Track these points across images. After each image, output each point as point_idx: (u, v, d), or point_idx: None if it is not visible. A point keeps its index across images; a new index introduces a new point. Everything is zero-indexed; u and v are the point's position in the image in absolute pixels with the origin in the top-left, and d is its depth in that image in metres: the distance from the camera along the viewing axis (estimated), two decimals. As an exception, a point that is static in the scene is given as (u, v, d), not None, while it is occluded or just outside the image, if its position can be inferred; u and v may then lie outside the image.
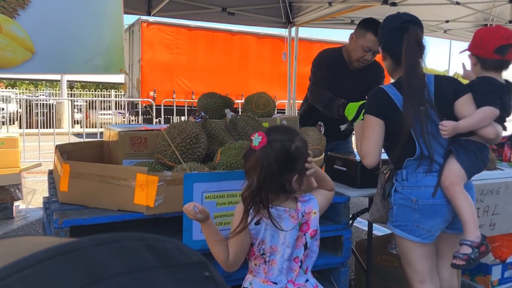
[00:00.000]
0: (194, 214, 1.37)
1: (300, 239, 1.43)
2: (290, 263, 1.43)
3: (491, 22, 5.88)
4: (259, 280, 1.45)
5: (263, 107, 2.43)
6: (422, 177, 1.74)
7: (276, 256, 1.42)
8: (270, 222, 1.39)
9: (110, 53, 1.86)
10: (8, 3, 1.65)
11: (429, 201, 1.72)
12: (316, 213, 1.47)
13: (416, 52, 1.75)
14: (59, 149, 2.16)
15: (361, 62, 2.66)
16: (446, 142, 1.77)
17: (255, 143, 1.37)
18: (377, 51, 2.61)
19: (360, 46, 2.60)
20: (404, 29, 1.77)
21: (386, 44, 1.86)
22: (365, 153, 1.77)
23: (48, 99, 16.17)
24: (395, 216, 1.80)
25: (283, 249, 1.41)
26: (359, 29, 2.65)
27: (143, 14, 4.91)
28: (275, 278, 1.43)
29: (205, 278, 0.33)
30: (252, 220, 1.39)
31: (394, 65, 1.84)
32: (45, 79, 22.72)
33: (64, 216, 1.60)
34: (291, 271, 1.43)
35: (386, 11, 5.33)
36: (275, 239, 1.42)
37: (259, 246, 1.43)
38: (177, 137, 1.83)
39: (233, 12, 5.16)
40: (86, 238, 0.29)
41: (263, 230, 1.41)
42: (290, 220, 1.42)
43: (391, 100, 1.75)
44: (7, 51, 1.67)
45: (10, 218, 4.19)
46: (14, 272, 0.26)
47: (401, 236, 1.79)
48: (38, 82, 25.60)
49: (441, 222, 1.76)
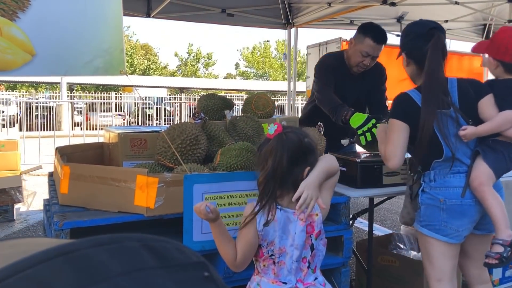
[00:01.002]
0: (206, 214, 1.38)
1: (307, 241, 1.45)
2: (298, 263, 1.44)
3: (490, 22, 5.88)
4: (268, 281, 1.46)
5: (263, 108, 2.43)
6: (449, 177, 1.79)
7: (285, 257, 1.44)
8: (279, 224, 1.41)
9: (110, 54, 1.86)
10: (8, 6, 1.65)
11: (456, 201, 1.76)
12: (318, 214, 1.48)
13: (440, 57, 1.81)
14: (59, 151, 2.16)
15: (360, 67, 2.65)
16: (473, 143, 1.81)
17: (271, 132, 1.41)
18: (376, 56, 2.63)
19: (358, 51, 2.60)
20: (430, 35, 1.82)
21: (411, 50, 1.89)
22: (389, 156, 1.80)
23: (48, 101, 16.19)
24: (422, 216, 1.84)
25: (291, 250, 1.43)
26: (358, 34, 2.64)
27: (142, 16, 4.92)
28: (284, 278, 1.44)
29: (204, 278, 0.33)
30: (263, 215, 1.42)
31: (418, 70, 1.87)
32: (45, 82, 22.73)
33: (64, 218, 1.60)
34: (300, 271, 1.45)
35: (385, 11, 5.35)
36: (284, 240, 1.44)
37: (268, 247, 1.44)
38: (177, 138, 1.83)
39: (232, 14, 5.17)
40: (85, 239, 0.29)
41: (272, 232, 1.43)
42: (299, 223, 1.43)
43: (415, 104, 1.79)
44: (7, 54, 1.67)
45: (11, 220, 4.19)
46: (13, 273, 0.26)
47: (428, 235, 1.82)
48: (38, 85, 25.61)
49: (468, 222, 1.78)
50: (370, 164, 2.22)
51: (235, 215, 1.73)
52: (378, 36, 2.59)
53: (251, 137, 2.11)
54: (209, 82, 30.34)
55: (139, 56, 31.15)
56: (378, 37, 2.59)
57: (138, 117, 16.51)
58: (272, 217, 1.42)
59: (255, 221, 1.44)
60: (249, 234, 1.43)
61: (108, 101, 16.77)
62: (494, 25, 6.01)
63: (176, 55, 37.07)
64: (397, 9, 5.27)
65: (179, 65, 37.31)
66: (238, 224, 1.73)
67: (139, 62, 30.59)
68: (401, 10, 5.38)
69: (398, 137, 1.79)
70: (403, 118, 1.79)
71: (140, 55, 31.61)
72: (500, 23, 5.76)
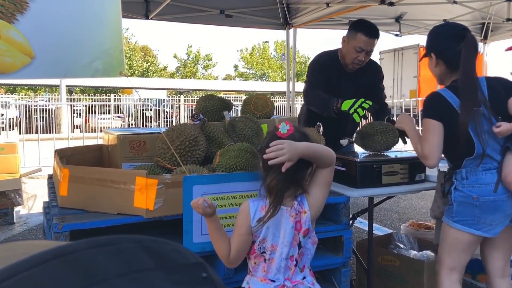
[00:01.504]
0: (204, 208, 1.38)
1: (294, 238, 1.46)
2: (287, 261, 1.45)
3: (489, 21, 5.89)
4: (257, 279, 1.47)
5: (262, 108, 2.43)
6: (481, 175, 1.84)
7: (275, 254, 1.45)
8: (273, 221, 1.41)
9: (109, 56, 1.86)
10: (6, 8, 1.65)
11: (489, 198, 1.81)
12: (306, 212, 1.48)
13: (474, 57, 1.87)
14: (58, 153, 2.16)
15: (355, 64, 2.67)
16: (503, 139, 1.85)
17: (283, 131, 1.41)
18: (370, 50, 2.66)
19: (352, 47, 2.63)
20: (462, 36, 1.87)
21: (441, 50, 1.94)
22: (427, 155, 1.85)
23: (47, 104, 16.18)
24: (455, 212, 1.89)
25: (281, 247, 1.44)
26: (350, 31, 2.68)
27: (141, 18, 4.92)
28: (272, 276, 1.45)
29: (202, 279, 0.33)
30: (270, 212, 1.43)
31: (448, 70, 1.93)
32: (44, 84, 22.73)
33: (63, 221, 1.60)
34: (288, 269, 1.46)
35: (384, 11, 5.35)
36: (276, 238, 1.45)
37: (260, 244, 1.45)
38: (176, 139, 1.82)
39: (231, 15, 5.17)
40: (82, 241, 0.29)
41: (265, 229, 1.44)
42: (290, 219, 1.45)
43: (448, 103, 1.84)
44: (6, 57, 1.67)
45: (11, 223, 4.19)
46: (11, 275, 0.26)
47: (461, 230, 1.87)
48: (37, 88, 25.61)
49: (501, 216, 1.84)
50: (370, 164, 2.22)
51: (235, 216, 1.73)
52: (370, 31, 2.63)
53: (250, 138, 2.11)
54: (208, 83, 30.36)
55: (138, 58, 31.15)
56: (370, 32, 2.63)
57: (137, 119, 16.51)
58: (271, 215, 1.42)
59: (249, 217, 1.45)
60: (242, 230, 1.45)
61: (107, 103, 16.76)
62: (493, 24, 6.01)
63: (175, 56, 37.13)
64: (396, 9, 5.27)
65: (178, 67, 37.32)
66: (238, 225, 1.73)
67: (138, 64, 30.59)
68: (400, 10, 5.39)
69: (434, 136, 1.84)
70: (437, 117, 1.84)
71: (139, 57, 31.62)
72: (499, 22, 5.77)
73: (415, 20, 5.67)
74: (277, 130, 1.44)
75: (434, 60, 1.96)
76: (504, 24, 5.72)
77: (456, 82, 1.88)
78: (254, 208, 1.47)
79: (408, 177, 2.25)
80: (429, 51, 1.99)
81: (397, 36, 5.80)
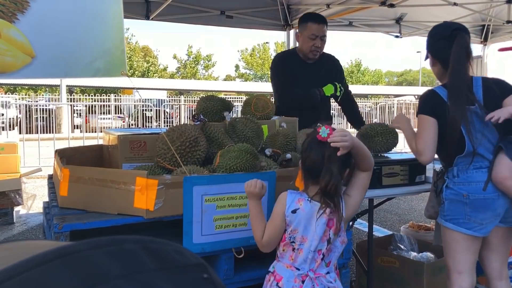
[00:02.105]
0: (260, 188, 1.55)
1: (325, 234, 1.53)
2: (314, 254, 1.53)
3: (489, 23, 5.89)
4: (283, 265, 1.56)
5: (262, 109, 2.43)
6: (472, 173, 1.86)
7: (304, 246, 1.52)
8: (306, 215, 1.51)
9: (111, 55, 1.85)
10: (7, 8, 1.65)
11: (479, 196, 1.83)
12: (341, 212, 1.56)
13: (463, 56, 1.90)
14: (58, 153, 2.16)
15: (314, 51, 2.89)
16: (495, 139, 1.87)
17: (324, 135, 1.48)
18: (323, 35, 2.91)
19: (306, 37, 2.86)
20: (453, 36, 1.92)
21: (436, 51, 1.99)
22: (421, 150, 1.88)
23: (47, 104, 16.18)
24: (446, 211, 1.92)
25: (311, 240, 1.52)
26: (300, 25, 2.95)
27: (142, 18, 4.92)
28: (298, 265, 1.53)
29: (203, 280, 0.33)
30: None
31: (443, 70, 1.97)
32: (44, 84, 22.74)
33: (64, 221, 1.60)
34: (314, 262, 1.53)
35: (384, 12, 5.35)
36: (307, 230, 1.52)
37: (291, 234, 1.53)
38: (176, 140, 1.82)
39: (231, 16, 5.17)
40: (83, 241, 0.29)
41: (298, 220, 1.52)
42: (323, 215, 1.52)
43: (442, 100, 1.88)
44: (7, 56, 1.66)
45: (11, 223, 4.19)
46: (11, 276, 0.26)
47: (452, 229, 1.89)
48: (37, 87, 25.61)
49: (491, 215, 1.85)
50: (370, 165, 2.21)
51: (235, 217, 1.73)
52: (317, 17, 2.94)
53: (250, 139, 2.11)
54: (208, 84, 30.35)
55: (138, 58, 31.16)
56: (317, 18, 2.92)
57: (137, 119, 16.50)
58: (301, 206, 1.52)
59: (284, 207, 1.54)
60: (277, 218, 1.54)
61: (108, 104, 16.77)
62: (493, 26, 6.02)
63: (175, 57, 37.08)
64: (396, 11, 5.27)
65: (179, 67, 37.32)
66: (238, 226, 1.73)
67: (138, 64, 30.60)
68: (400, 11, 5.39)
69: (428, 132, 1.86)
70: (431, 113, 1.87)
71: (139, 57, 31.63)
72: (499, 24, 5.77)
73: (416, 21, 5.67)
74: (317, 134, 1.50)
75: (431, 60, 2.02)
76: (504, 26, 5.72)
77: None
78: (290, 199, 1.54)
79: (408, 178, 2.25)
80: (427, 52, 2.05)
81: (397, 37, 5.81)
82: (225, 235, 1.72)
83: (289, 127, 2.34)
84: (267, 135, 2.28)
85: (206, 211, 1.67)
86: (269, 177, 1.78)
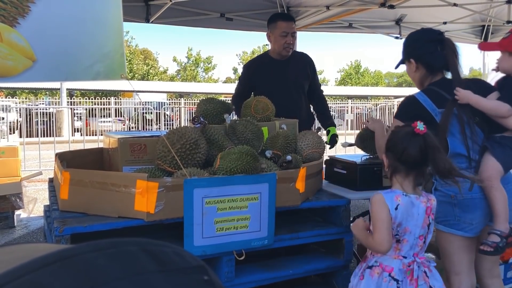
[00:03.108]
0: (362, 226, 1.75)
1: (425, 220, 1.67)
2: (417, 240, 1.67)
3: (489, 23, 5.90)
4: (389, 257, 1.67)
5: (262, 111, 2.43)
6: None
7: (408, 235, 1.65)
8: (405, 208, 1.63)
9: (111, 59, 1.86)
10: (8, 12, 1.65)
11: (467, 196, 1.85)
12: (435, 200, 1.73)
13: (455, 58, 1.95)
14: (59, 157, 2.16)
15: (286, 48, 2.97)
16: (481, 140, 1.89)
17: (421, 128, 1.63)
18: (293, 32, 3.00)
19: (278, 35, 2.96)
20: (439, 40, 1.96)
21: (420, 55, 1.99)
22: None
23: (48, 107, 16.20)
24: (437, 213, 1.92)
25: (414, 229, 1.65)
26: (269, 25, 3.05)
27: (141, 21, 4.92)
28: (404, 253, 1.66)
29: (204, 282, 0.33)
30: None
31: (428, 73, 1.99)
32: (44, 88, 22.76)
33: (64, 224, 1.60)
34: (417, 246, 1.68)
35: (384, 14, 5.36)
36: (409, 221, 1.65)
37: (397, 228, 1.65)
38: (177, 142, 1.83)
39: (231, 18, 5.18)
40: (83, 244, 0.29)
41: (400, 214, 1.64)
42: (421, 205, 1.66)
43: (422, 107, 1.90)
44: (8, 60, 1.67)
45: (12, 227, 4.18)
46: (12, 278, 0.26)
47: (444, 231, 1.92)
48: (38, 91, 25.64)
49: (481, 215, 1.87)
50: (370, 166, 2.22)
51: (236, 219, 1.73)
52: (285, 16, 3.10)
53: (250, 141, 2.11)
54: (208, 86, 30.38)
55: (138, 61, 31.19)
56: (286, 17, 3.08)
57: (138, 122, 16.51)
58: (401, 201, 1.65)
59: (387, 207, 1.64)
60: (386, 219, 1.64)
61: (108, 107, 16.78)
62: (493, 26, 6.02)
63: (175, 60, 37.09)
64: (396, 12, 5.28)
65: (178, 70, 37.34)
66: (239, 228, 1.73)
67: (138, 67, 30.63)
68: (400, 12, 5.40)
69: None
70: (406, 119, 1.88)
71: (139, 60, 31.66)
72: (499, 24, 5.78)
73: (415, 22, 5.67)
74: (414, 128, 1.64)
75: (413, 65, 2.02)
76: (504, 27, 5.72)
77: (433, 85, 1.95)
78: (389, 199, 1.66)
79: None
80: (408, 57, 2.04)
81: (397, 38, 5.81)
82: (226, 237, 1.71)
83: (289, 129, 2.34)
84: (267, 137, 2.28)
85: (206, 214, 1.66)
86: (270, 179, 1.78)
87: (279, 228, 1.88)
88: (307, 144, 2.21)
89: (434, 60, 1.95)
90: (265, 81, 2.97)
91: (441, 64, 1.96)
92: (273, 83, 2.93)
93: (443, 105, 1.88)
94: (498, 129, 1.91)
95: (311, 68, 3.17)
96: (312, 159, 2.19)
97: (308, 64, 3.15)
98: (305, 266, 1.99)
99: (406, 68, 2.08)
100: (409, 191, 1.67)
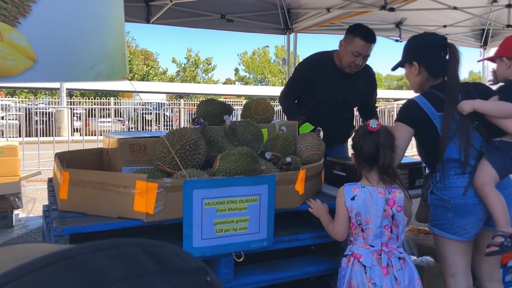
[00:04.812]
0: (320, 205, 1.91)
1: (387, 211, 1.75)
2: (381, 229, 1.76)
3: (489, 27, 5.91)
4: (358, 246, 1.79)
5: (262, 113, 2.43)
6: (453, 178, 1.89)
7: (370, 225, 1.76)
8: (362, 198, 1.76)
9: (112, 59, 1.86)
10: (9, 12, 1.65)
11: (460, 201, 1.86)
12: (400, 193, 1.78)
13: (457, 64, 1.97)
14: (58, 157, 2.16)
15: (352, 67, 2.75)
16: (479, 144, 1.90)
17: (374, 125, 1.73)
18: (367, 55, 2.73)
19: (350, 51, 2.69)
20: (443, 45, 1.98)
21: (424, 58, 2.01)
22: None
23: (47, 107, 16.20)
24: (432, 216, 1.97)
25: (375, 219, 1.75)
26: (347, 35, 2.73)
27: (142, 22, 4.93)
28: (371, 242, 1.77)
29: (205, 283, 0.33)
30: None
31: (429, 77, 2.01)
32: (44, 87, 22.75)
33: (63, 224, 1.60)
34: (383, 236, 1.77)
35: (384, 16, 5.37)
36: (368, 211, 1.75)
37: (356, 217, 1.77)
38: (176, 143, 1.82)
39: (232, 19, 5.19)
40: (84, 245, 0.29)
41: (357, 205, 1.76)
42: (379, 196, 1.76)
43: (422, 110, 1.92)
44: (8, 60, 1.67)
45: (10, 227, 4.18)
46: (12, 279, 0.26)
47: (438, 234, 1.94)
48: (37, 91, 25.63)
49: (474, 220, 1.88)
50: (370, 169, 2.21)
51: (235, 221, 1.73)
52: (367, 35, 2.68)
53: (250, 142, 2.11)
54: (208, 87, 30.39)
55: (138, 61, 31.20)
56: (367, 36, 2.68)
57: (137, 122, 16.51)
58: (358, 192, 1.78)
59: (344, 197, 1.80)
60: (340, 207, 1.81)
61: (108, 107, 16.77)
62: (493, 30, 6.03)
63: (174, 61, 37.08)
64: (396, 15, 5.29)
65: (178, 71, 37.33)
66: (238, 230, 1.73)
67: (138, 67, 30.64)
68: (400, 15, 5.40)
69: (400, 136, 1.89)
70: (407, 122, 1.92)
71: (139, 60, 31.67)
72: (499, 28, 5.79)
73: (416, 25, 5.68)
74: (367, 126, 1.75)
75: (416, 68, 2.02)
76: (504, 30, 5.74)
77: (433, 88, 1.96)
78: (348, 190, 1.80)
79: (408, 182, 2.25)
80: (411, 60, 2.04)
81: (397, 41, 5.82)
82: (225, 239, 1.71)
83: (289, 131, 2.34)
84: (267, 138, 2.28)
85: (206, 215, 1.66)
86: (269, 181, 1.78)
87: (278, 230, 1.88)
88: (307, 146, 2.21)
89: (438, 65, 1.97)
90: (321, 86, 2.80)
91: (444, 70, 1.97)
92: (327, 91, 2.78)
93: (443, 109, 1.89)
94: (497, 134, 1.90)
95: (372, 87, 3.00)
96: (311, 161, 2.19)
97: (370, 82, 2.97)
98: (304, 268, 1.99)
99: (406, 70, 2.08)
100: (375, 184, 1.78)
